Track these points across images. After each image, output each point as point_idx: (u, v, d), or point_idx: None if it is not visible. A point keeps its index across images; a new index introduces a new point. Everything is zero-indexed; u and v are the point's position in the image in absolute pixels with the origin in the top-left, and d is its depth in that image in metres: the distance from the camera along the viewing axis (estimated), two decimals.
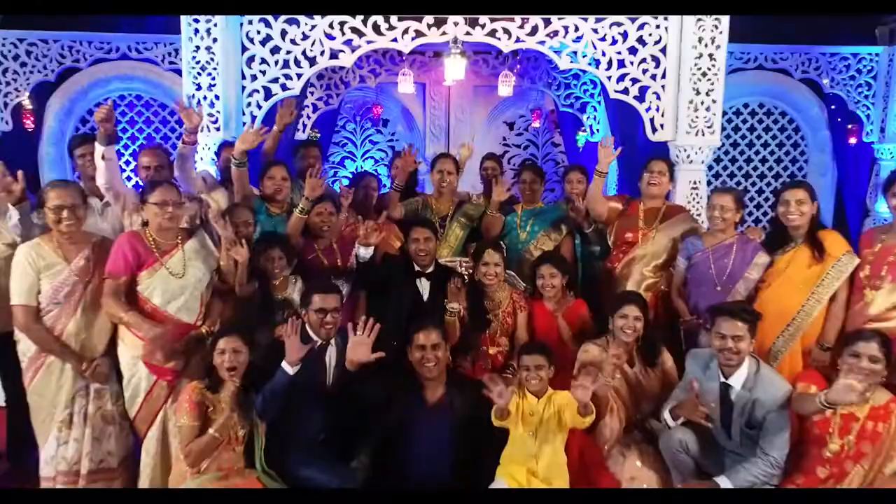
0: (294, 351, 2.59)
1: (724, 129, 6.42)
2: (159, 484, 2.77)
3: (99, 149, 2.99)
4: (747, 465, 2.59)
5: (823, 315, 2.98)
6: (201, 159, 4.09)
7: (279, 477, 2.66)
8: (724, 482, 2.58)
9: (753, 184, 6.60)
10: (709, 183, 5.88)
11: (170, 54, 5.93)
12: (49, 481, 2.71)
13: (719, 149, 6.31)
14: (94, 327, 2.72)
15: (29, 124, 6.01)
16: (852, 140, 6.31)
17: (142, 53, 5.95)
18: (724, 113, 6.28)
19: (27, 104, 5.93)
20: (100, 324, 2.73)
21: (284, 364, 2.58)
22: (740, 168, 6.56)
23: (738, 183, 6.58)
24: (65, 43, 5.86)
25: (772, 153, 6.51)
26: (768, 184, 6.58)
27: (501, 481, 2.72)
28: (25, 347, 2.70)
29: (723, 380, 2.68)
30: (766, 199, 6.53)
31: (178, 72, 5.80)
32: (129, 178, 5.92)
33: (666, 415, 2.80)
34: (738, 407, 2.65)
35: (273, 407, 2.61)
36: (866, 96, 6.14)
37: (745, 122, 6.44)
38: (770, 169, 6.56)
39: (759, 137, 6.49)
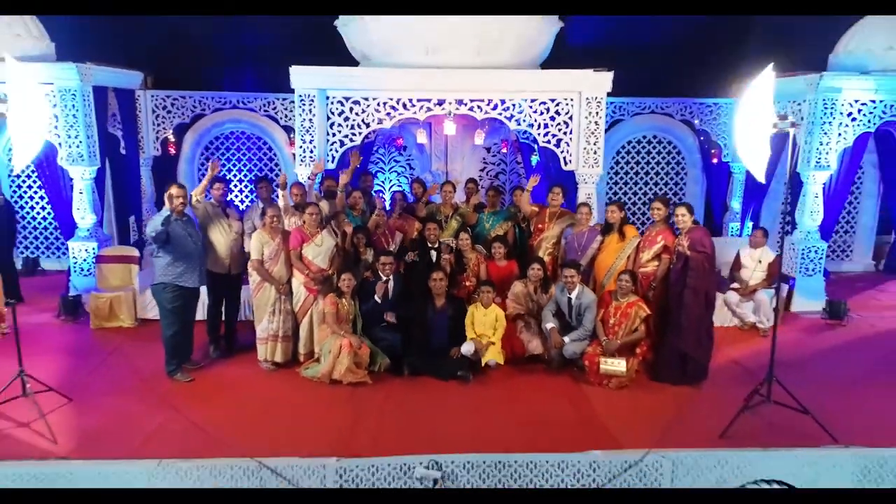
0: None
1: (629, 153, 9.62)
2: (306, 343, 5.96)
3: (280, 191, 6.19)
4: (578, 331, 5.79)
5: (624, 265, 6.15)
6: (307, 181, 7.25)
7: (367, 337, 5.86)
8: (567, 339, 5.77)
9: (651, 188, 9.77)
10: (623, 187, 9.09)
11: (264, 105, 9.04)
12: (262, 341, 5.91)
13: (628, 165, 9.51)
14: (284, 270, 5.90)
15: (172, 151, 9.18)
16: (715, 160, 9.45)
17: (246, 105, 9.08)
18: (630, 142, 9.56)
19: (171, 138, 9.09)
20: (286, 268, 5.90)
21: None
22: (641, 178, 9.73)
23: (640, 189, 9.76)
24: (196, 98, 8.98)
25: (662, 169, 9.68)
26: (661, 189, 9.75)
27: (470, 343, 5.89)
28: (254, 278, 5.87)
29: (568, 295, 5.87)
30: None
31: (271, 118, 9.07)
32: (240, 192, 9.11)
33: (545, 314, 5.97)
34: (573, 306, 5.84)
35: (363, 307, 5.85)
36: (724, 131, 9.27)
37: (643, 148, 9.60)
38: (661, 179, 9.74)
39: (653, 158, 9.66)
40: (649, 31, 9.40)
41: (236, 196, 9.53)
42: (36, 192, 9.31)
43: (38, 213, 9.38)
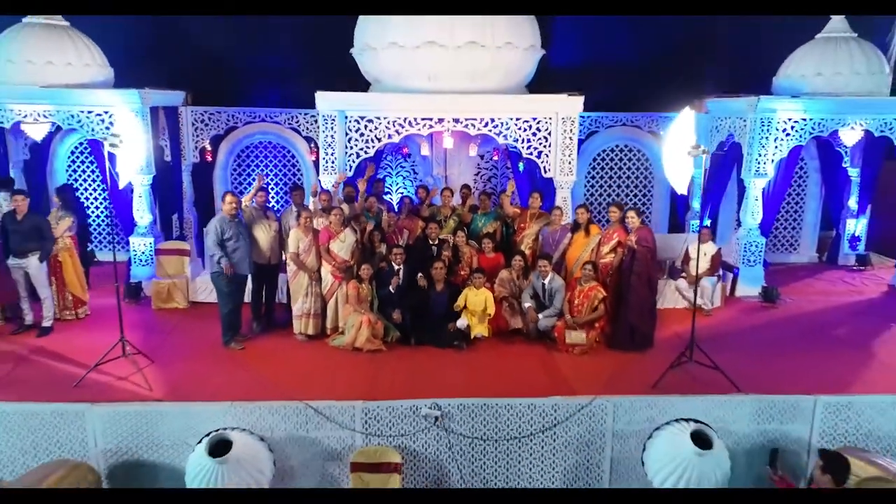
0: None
1: (604, 160, 11.06)
2: (333, 319, 7.45)
3: (311, 197, 7.66)
4: (549, 310, 7.27)
5: (588, 257, 7.61)
6: (330, 186, 8.69)
7: (381, 314, 7.34)
8: (541, 316, 7.25)
9: (623, 191, 11.23)
10: (599, 189, 10.53)
11: (288, 119, 10.47)
12: (297, 318, 7.39)
13: (603, 171, 10.96)
14: (315, 261, 7.37)
15: (209, 158, 10.64)
16: (706, 153, 10.85)
17: (272, 118, 10.50)
18: (605, 151, 10.99)
19: (208, 147, 10.54)
20: (317, 260, 7.37)
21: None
22: (615, 181, 11.19)
23: (614, 190, 11.21)
24: (230, 113, 10.41)
25: (633, 173, 11.13)
26: (632, 190, 11.21)
27: (463, 319, 7.36)
28: (291, 267, 7.34)
29: (542, 280, 7.34)
30: (630, 198, 11.20)
31: (294, 129, 10.51)
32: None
33: (524, 296, 7.45)
34: (546, 290, 7.32)
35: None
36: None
37: (616, 156, 11.05)
38: (632, 182, 11.19)
39: (625, 164, 11.11)
40: (620, 54, 10.83)
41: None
42: (91, 195, 10.77)
43: (92, 213, 10.85)
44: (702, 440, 5.52)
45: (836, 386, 6.28)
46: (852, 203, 10.89)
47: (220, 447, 5.40)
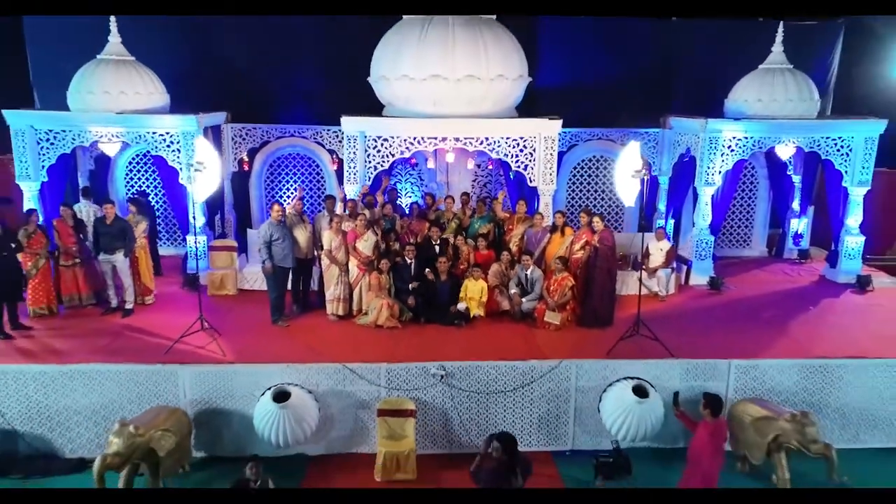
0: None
1: (583, 169, 12.92)
2: (358, 302, 9.32)
3: (340, 204, 9.53)
4: (531, 295, 9.14)
5: (563, 253, 9.46)
6: (355, 196, 10.53)
7: (397, 299, 9.21)
8: (524, 300, 9.13)
9: (599, 195, 13.08)
10: (579, 193, 12.38)
11: (313, 134, 12.30)
12: (330, 301, 9.26)
13: (581, 178, 12.82)
14: (344, 256, 9.21)
15: (245, 168, 12.50)
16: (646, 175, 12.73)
17: (300, 134, 12.36)
18: (583, 161, 12.85)
19: (245, 158, 12.40)
20: (345, 255, 9.22)
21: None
22: (592, 187, 13.04)
23: (591, 195, 13.06)
24: (264, 129, 12.26)
25: (608, 180, 12.96)
26: (606, 195, 13.06)
27: (463, 303, 9.23)
28: (325, 262, 9.19)
29: (525, 272, 9.22)
30: (605, 201, 13.06)
31: (319, 143, 12.36)
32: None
33: (511, 284, 9.32)
34: (528, 279, 9.20)
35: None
36: (653, 152, 12.55)
37: (594, 165, 12.90)
38: (606, 187, 13.03)
39: (601, 172, 12.96)
40: (598, 78, 12.60)
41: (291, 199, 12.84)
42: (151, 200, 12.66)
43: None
44: (641, 392, 7.43)
45: (749, 353, 8.15)
46: (795, 205, 12.75)
47: (280, 397, 7.30)
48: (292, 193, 12.73)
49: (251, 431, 7.49)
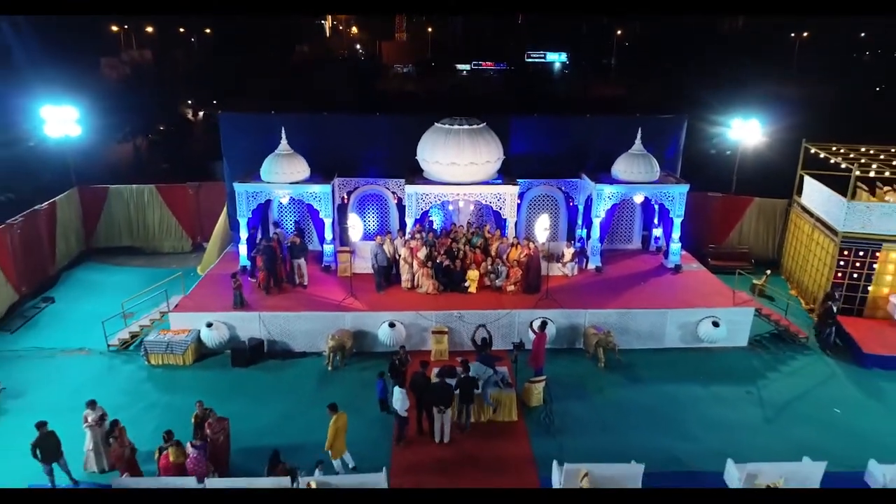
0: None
1: (536, 203, 22.71)
2: (416, 282, 19.21)
3: (409, 231, 19.36)
4: (500, 279, 19.01)
5: (516, 257, 19.22)
6: (415, 227, 20.31)
7: (436, 280, 19.10)
8: (497, 280, 18.99)
9: (546, 220, 22.83)
10: (533, 219, 22.28)
11: (384, 183, 21.99)
12: (404, 282, 19.16)
13: (536, 208, 22.66)
14: (411, 259, 19.02)
15: (345, 202, 22.28)
16: (571, 204, 22.45)
17: (376, 182, 22.05)
18: (536, 198, 22.73)
19: (345, 197, 22.17)
20: (412, 259, 19.04)
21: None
22: (540, 214, 22.82)
23: (541, 219, 22.82)
24: (355, 181, 22.01)
25: (550, 210, 22.63)
26: (550, 219, 22.77)
27: (467, 282, 19.06)
28: (402, 264, 19.01)
29: (498, 267, 19.05)
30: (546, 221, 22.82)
31: (387, 188, 22.36)
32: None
33: (491, 273, 19.15)
34: (499, 271, 19.05)
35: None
36: (576, 193, 22.21)
37: (543, 201, 22.60)
38: (551, 213, 22.74)
39: (546, 205, 22.66)
40: (543, 150, 22.05)
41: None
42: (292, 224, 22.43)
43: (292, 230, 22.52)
44: (544, 324, 17.36)
45: (597, 305, 18.06)
46: (655, 220, 22.50)
47: (391, 325, 17.33)
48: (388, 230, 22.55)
49: (376, 341, 17.54)
